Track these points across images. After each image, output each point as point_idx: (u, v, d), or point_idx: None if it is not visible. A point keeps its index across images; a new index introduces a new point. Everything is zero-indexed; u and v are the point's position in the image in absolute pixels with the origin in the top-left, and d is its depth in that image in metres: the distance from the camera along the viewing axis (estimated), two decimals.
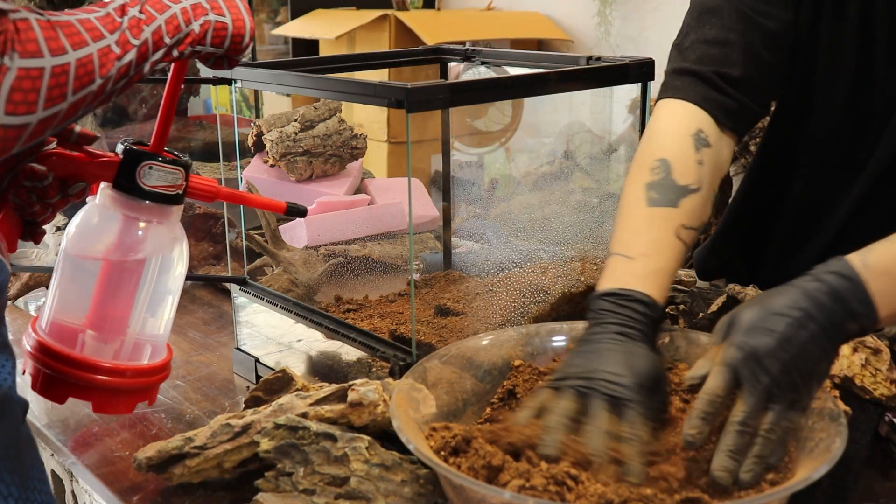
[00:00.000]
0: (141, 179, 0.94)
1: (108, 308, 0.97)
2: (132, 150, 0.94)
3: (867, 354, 0.91)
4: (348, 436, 0.80)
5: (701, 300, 1.18)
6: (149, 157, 0.94)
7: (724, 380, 0.74)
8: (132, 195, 0.94)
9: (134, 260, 0.96)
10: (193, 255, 1.45)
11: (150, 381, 0.97)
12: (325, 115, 1.86)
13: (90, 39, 0.74)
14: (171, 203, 0.95)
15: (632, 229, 0.91)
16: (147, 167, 0.94)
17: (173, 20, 0.84)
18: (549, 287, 1.05)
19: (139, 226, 0.96)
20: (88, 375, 0.93)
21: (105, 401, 0.94)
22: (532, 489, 0.67)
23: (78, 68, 0.73)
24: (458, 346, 0.88)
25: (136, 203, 0.95)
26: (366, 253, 1.34)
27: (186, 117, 2.06)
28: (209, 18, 0.87)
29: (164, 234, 0.97)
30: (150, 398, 0.98)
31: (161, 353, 0.99)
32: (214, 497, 0.86)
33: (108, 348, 0.96)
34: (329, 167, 1.85)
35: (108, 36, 0.77)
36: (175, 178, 0.94)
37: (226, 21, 0.88)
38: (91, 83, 0.75)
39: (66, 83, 0.72)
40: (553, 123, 1.31)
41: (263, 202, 1.07)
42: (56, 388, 0.94)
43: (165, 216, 0.96)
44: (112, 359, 0.95)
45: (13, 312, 1.36)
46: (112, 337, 0.96)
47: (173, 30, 0.84)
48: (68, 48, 0.72)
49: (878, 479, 0.86)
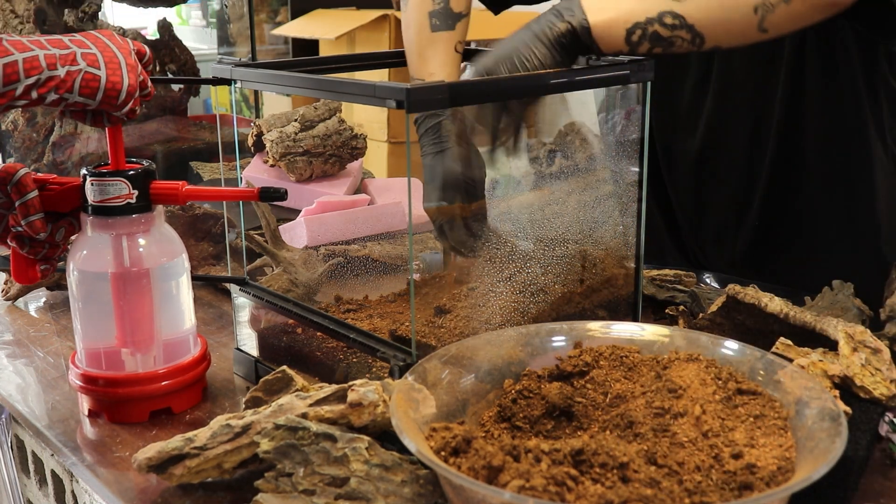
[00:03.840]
0: (91, 197, 0.98)
1: (132, 323, 1.02)
2: (85, 173, 0.98)
3: (867, 354, 0.91)
4: (348, 436, 0.80)
5: (701, 300, 1.18)
6: (90, 176, 0.97)
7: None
8: (89, 214, 0.98)
9: (138, 271, 1.00)
10: (193, 256, 1.45)
11: (200, 370, 1.06)
12: (325, 115, 1.86)
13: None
14: (124, 214, 0.98)
15: (422, 56, 1.16)
16: (90, 184, 0.97)
17: (33, 60, 0.85)
18: (549, 287, 1.05)
19: (127, 239, 1.00)
20: (143, 389, 1.01)
21: (179, 400, 1.03)
22: (532, 489, 0.67)
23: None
24: (458, 346, 0.88)
25: (102, 220, 0.99)
26: (366, 253, 1.33)
27: (186, 117, 2.06)
28: (79, 68, 0.88)
29: (154, 240, 1.00)
30: (203, 385, 1.08)
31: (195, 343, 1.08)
32: (214, 497, 0.86)
33: (148, 359, 1.03)
34: (329, 167, 1.85)
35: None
36: (118, 189, 0.97)
37: (98, 74, 0.89)
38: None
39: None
40: (553, 123, 1.31)
41: (233, 193, 1.08)
42: (130, 410, 1.02)
43: (148, 224, 0.99)
44: (155, 366, 1.02)
45: (13, 312, 1.36)
46: (146, 348, 1.02)
47: (31, 69, 0.85)
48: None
49: (878, 479, 0.86)
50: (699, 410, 0.79)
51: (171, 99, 2.01)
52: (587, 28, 0.99)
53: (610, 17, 0.99)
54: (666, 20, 0.98)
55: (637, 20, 0.98)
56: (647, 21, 0.98)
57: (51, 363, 1.17)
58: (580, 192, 1.14)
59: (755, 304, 1.00)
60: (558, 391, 0.83)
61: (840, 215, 1.29)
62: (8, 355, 1.21)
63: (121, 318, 1.01)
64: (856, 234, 1.29)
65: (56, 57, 0.87)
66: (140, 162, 1.00)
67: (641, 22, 0.98)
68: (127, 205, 0.97)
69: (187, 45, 2.04)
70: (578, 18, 0.99)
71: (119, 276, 1.00)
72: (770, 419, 0.78)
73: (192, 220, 1.45)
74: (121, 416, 1.01)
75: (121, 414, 1.01)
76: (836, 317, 1.04)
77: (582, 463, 0.71)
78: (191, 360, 1.05)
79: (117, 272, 1.00)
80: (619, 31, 0.99)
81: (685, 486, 0.71)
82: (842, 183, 1.28)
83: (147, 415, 1.01)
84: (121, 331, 1.01)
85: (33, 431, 1.03)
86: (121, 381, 1.00)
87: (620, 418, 0.80)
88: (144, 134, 1.95)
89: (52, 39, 0.88)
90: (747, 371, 0.84)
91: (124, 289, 1.00)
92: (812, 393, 0.78)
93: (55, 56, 0.87)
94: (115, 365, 1.02)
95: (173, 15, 4.36)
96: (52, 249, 1.00)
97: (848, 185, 1.28)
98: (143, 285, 1.00)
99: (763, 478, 0.71)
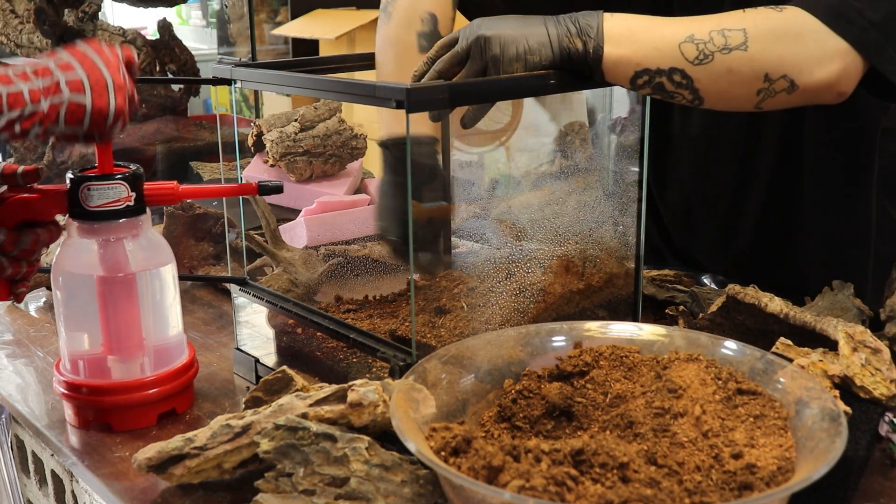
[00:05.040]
0: (86, 203, 0.95)
1: (117, 330, 1.00)
2: (74, 178, 0.96)
3: (867, 354, 0.91)
4: (348, 436, 0.80)
5: (701, 300, 1.18)
6: (87, 180, 0.95)
7: (454, 37, 0.98)
8: (84, 219, 0.96)
9: (124, 277, 0.99)
10: (193, 256, 1.45)
11: (184, 380, 1.04)
12: (325, 115, 1.86)
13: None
14: (123, 217, 0.97)
15: (403, 74, 1.11)
16: (86, 189, 0.95)
17: (17, 95, 0.84)
18: (549, 287, 1.05)
19: (116, 245, 0.98)
20: (130, 396, 0.99)
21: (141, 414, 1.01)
22: (532, 489, 0.67)
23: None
24: (458, 346, 0.88)
25: (96, 226, 0.97)
26: (366, 253, 1.33)
27: (186, 117, 2.06)
28: (62, 98, 0.87)
29: (143, 245, 0.99)
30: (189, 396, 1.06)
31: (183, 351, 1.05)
32: (214, 497, 0.86)
33: (134, 365, 1.01)
34: (329, 167, 1.85)
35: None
36: (117, 192, 0.96)
37: (83, 101, 0.88)
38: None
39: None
40: (553, 123, 1.31)
41: (230, 190, 1.07)
42: (113, 419, 1.00)
43: (136, 228, 0.98)
44: (141, 374, 1.01)
45: (13, 312, 1.36)
46: (132, 355, 1.01)
47: (14, 103, 0.84)
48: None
49: (878, 479, 0.86)
50: (699, 410, 0.79)
51: (171, 99, 2.01)
52: (599, 57, 0.97)
53: (624, 55, 0.97)
54: (675, 77, 0.97)
55: (648, 66, 0.97)
56: (657, 71, 0.97)
57: (51, 363, 1.17)
58: (580, 192, 1.14)
59: (755, 304, 1.00)
60: (558, 391, 0.83)
61: (840, 216, 1.28)
62: (8, 355, 1.21)
63: (107, 324, 0.99)
64: (856, 235, 1.29)
65: (39, 90, 0.85)
66: (127, 165, 0.99)
67: (652, 70, 0.97)
68: (127, 208, 0.96)
69: (187, 45, 2.04)
70: (595, 44, 0.97)
71: (109, 285, 0.98)
72: (770, 419, 0.78)
73: (192, 220, 1.45)
74: (121, 423, 1.00)
75: (119, 421, 1.00)
76: (836, 317, 1.04)
77: (582, 463, 0.71)
78: (179, 366, 1.03)
79: (106, 279, 0.98)
80: (627, 70, 0.98)
81: (685, 486, 0.71)
82: (841, 190, 1.27)
83: (128, 426, 1.00)
84: (107, 337, 1.00)
85: (33, 431, 1.03)
86: (99, 390, 0.99)
87: (620, 418, 0.80)
88: (144, 134, 1.95)
89: (40, 67, 0.87)
90: (747, 371, 0.84)
91: (116, 294, 0.99)
92: (812, 393, 0.78)
93: (38, 89, 0.85)
94: (97, 373, 1.01)
95: (173, 15, 4.36)
96: (29, 267, 0.98)
97: (847, 192, 1.27)
98: (132, 290, 0.99)
99: (763, 478, 0.71)
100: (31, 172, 0.96)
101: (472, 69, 0.98)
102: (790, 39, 0.97)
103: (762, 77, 0.97)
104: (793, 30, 0.98)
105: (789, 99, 0.99)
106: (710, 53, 0.96)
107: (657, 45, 0.97)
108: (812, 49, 0.98)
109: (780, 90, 0.98)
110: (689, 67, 0.97)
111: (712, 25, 0.98)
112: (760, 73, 0.97)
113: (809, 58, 0.98)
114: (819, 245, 1.28)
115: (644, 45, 0.98)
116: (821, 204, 1.27)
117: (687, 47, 0.97)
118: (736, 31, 0.97)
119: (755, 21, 0.98)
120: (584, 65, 0.98)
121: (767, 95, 0.99)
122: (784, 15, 0.98)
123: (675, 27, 0.98)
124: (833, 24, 0.97)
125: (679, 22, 0.99)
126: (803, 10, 0.98)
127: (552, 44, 0.98)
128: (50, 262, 1.14)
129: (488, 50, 0.97)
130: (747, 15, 0.99)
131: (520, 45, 0.97)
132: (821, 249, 1.29)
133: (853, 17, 0.98)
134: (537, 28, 0.98)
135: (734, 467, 0.73)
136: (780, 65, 0.97)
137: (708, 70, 0.97)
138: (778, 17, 0.98)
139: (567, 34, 0.98)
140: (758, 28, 0.97)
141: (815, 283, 1.15)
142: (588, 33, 0.98)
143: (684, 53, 0.97)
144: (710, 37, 0.97)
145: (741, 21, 0.98)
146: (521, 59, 0.97)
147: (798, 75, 0.97)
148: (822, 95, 1.00)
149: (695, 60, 0.96)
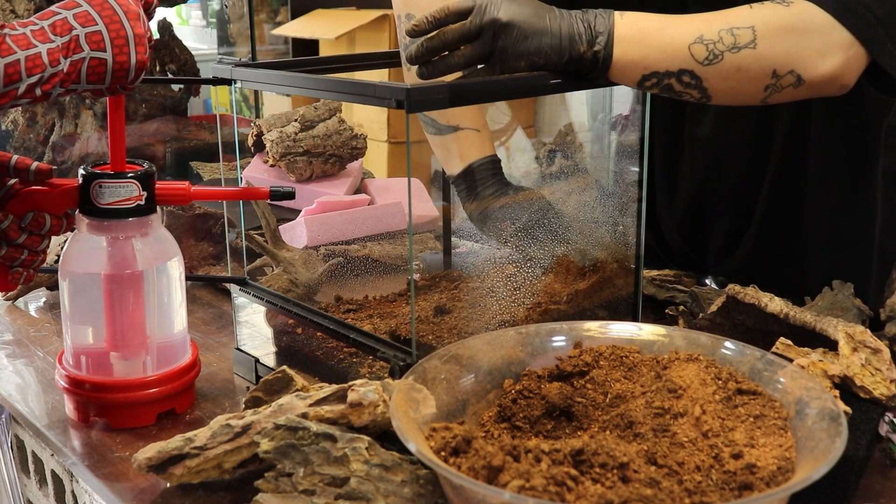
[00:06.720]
0: (97, 199, 0.95)
1: (122, 327, 1.00)
2: (86, 174, 0.96)
3: (867, 354, 0.91)
4: (348, 436, 0.80)
5: (701, 300, 1.18)
6: (98, 177, 0.95)
7: (467, 6, 0.95)
8: (94, 216, 0.96)
9: (132, 274, 0.99)
10: (193, 256, 1.45)
11: (185, 380, 1.03)
12: (325, 115, 1.86)
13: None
14: (133, 216, 0.97)
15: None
16: (97, 186, 0.95)
17: (36, 59, 0.82)
18: (549, 287, 1.05)
19: (124, 242, 0.98)
20: (132, 394, 0.99)
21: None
22: (532, 489, 0.67)
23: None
24: (458, 346, 0.88)
25: (106, 223, 0.97)
26: (366, 253, 1.33)
27: (187, 117, 2.06)
28: (83, 56, 0.85)
29: (152, 243, 0.99)
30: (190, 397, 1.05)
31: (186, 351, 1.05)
32: (214, 497, 0.86)
33: (136, 363, 1.01)
34: (329, 167, 1.85)
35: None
36: (129, 190, 0.96)
37: (104, 56, 0.86)
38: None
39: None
40: (553, 123, 1.31)
41: (241, 193, 1.06)
42: (112, 416, 1.00)
43: (146, 227, 0.98)
44: (143, 372, 1.01)
45: (13, 312, 1.36)
46: (135, 352, 1.01)
47: (33, 67, 0.82)
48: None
49: (878, 479, 0.86)
50: (699, 410, 0.79)
51: (171, 99, 2.01)
52: (608, 62, 0.97)
53: (632, 60, 0.97)
54: (684, 78, 0.97)
55: (656, 69, 0.97)
56: (665, 73, 0.97)
57: (51, 363, 1.17)
58: (580, 192, 1.14)
59: (755, 304, 1.00)
60: (558, 391, 0.83)
61: (844, 213, 1.28)
62: (8, 355, 1.21)
63: (112, 320, 0.99)
64: (860, 233, 1.28)
65: (59, 49, 0.84)
66: (140, 163, 0.99)
67: (660, 72, 0.97)
68: (138, 206, 0.96)
69: (187, 45, 2.04)
70: (605, 53, 0.97)
71: (117, 282, 0.98)
72: (770, 419, 0.78)
73: (192, 219, 1.45)
74: (120, 420, 1.00)
75: (119, 418, 1.00)
76: (836, 317, 1.04)
77: (582, 463, 0.71)
78: (182, 365, 1.03)
79: (114, 277, 0.98)
80: (634, 74, 0.98)
81: (685, 486, 0.71)
82: (845, 186, 1.27)
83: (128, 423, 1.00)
84: (111, 334, 1.00)
85: (33, 431, 1.03)
86: (109, 387, 0.99)
87: (620, 418, 0.80)
88: (144, 134, 1.95)
89: (58, 21, 0.85)
90: (747, 371, 0.84)
91: (122, 292, 0.99)
92: (812, 393, 0.78)
93: (58, 48, 0.84)
94: (100, 369, 1.01)
95: (173, 15, 4.36)
96: (31, 256, 0.97)
97: (851, 195, 1.27)
98: (139, 288, 0.99)
99: (763, 478, 0.71)
100: (45, 171, 0.95)
101: (478, 51, 0.97)
102: (797, 35, 0.98)
103: (770, 73, 0.98)
104: (800, 25, 0.98)
105: (795, 93, 1.00)
106: (720, 53, 0.97)
107: (666, 48, 0.98)
108: (817, 43, 0.98)
109: (787, 85, 0.99)
110: (698, 68, 0.97)
111: (721, 24, 0.98)
112: (769, 69, 0.98)
113: (815, 52, 0.98)
114: (823, 244, 1.28)
115: (653, 49, 0.98)
116: (825, 201, 1.27)
117: (696, 48, 0.97)
118: (745, 30, 0.97)
119: (763, 18, 0.98)
120: (591, 70, 0.98)
121: (775, 91, 0.99)
122: (792, 10, 0.99)
123: (685, 27, 0.98)
124: (841, 17, 0.98)
125: (689, 21, 0.99)
126: (811, 2, 0.99)
127: (562, 49, 0.97)
128: (54, 261, 1.14)
129: (500, 38, 0.95)
130: (755, 11, 0.99)
131: (531, 43, 0.96)
132: (825, 248, 1.28)
133: (861, 11, 0.98)
134: (552, 25, 0.97)
135: (734, 467, 0.73)
136: (788, 60, 0.98)
137: (717, 69, 0.97)
138: (786, 12, 0.99)
139: (578, 39, 0.97)
140: (766, 25, 0.98)
141: (818, 282, 1.14)
142: (599, 41, 0.97)
143: (694, 55, 0.97)
144: (720, 36, 0.97)
145: (750, 18, 0.98)
146: (528, 58, 0.97)
147: (804, 70, 0.98)
148: (826, 88, 1.01)
149: (704, 61, 0.97)
